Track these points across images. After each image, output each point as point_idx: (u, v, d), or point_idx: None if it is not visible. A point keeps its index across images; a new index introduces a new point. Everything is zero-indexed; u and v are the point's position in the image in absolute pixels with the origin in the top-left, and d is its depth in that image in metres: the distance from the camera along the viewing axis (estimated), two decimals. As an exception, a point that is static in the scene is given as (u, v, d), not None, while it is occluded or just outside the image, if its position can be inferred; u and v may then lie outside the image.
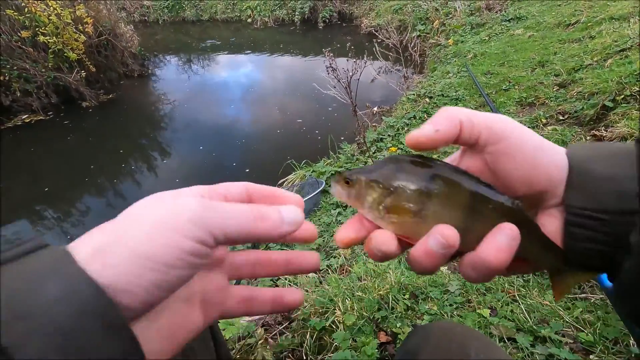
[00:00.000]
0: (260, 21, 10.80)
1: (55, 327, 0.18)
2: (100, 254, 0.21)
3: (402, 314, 1.21)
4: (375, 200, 0.31)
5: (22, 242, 0.21)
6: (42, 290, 0.19)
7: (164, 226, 0.22)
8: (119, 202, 3.97)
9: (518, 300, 1.18)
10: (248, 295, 0.33)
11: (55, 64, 5.67)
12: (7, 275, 0.19)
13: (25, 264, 0.20)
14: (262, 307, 0.34)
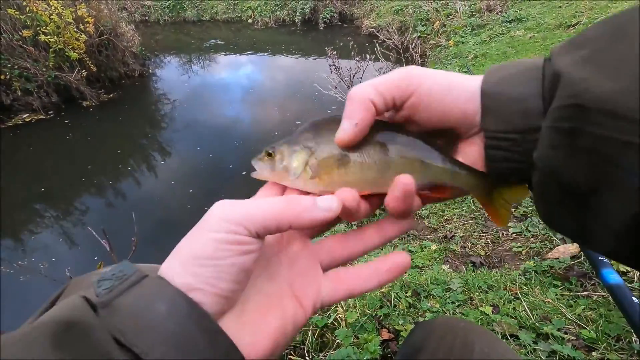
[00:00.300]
0: (261, 22, 10.81)
1: (171, 335, 0.23)
2: (171, 269, 0.27)
3: (405, 311, 1.21)
4: (301, 162, 0.32)
5: (129, 275, 0.27)
6: (154, 309, 0.24)
7: (198, 229, 0.28)
8: (118, 201, 3.96)
9: (520, 298, 1.18)
10: (348, 276, 0.33)
11: (56, 63, 5.67)
12: (126, 301, 0.25)
13: (136, 292, 0.25)
14: (366, 282, 0.33)
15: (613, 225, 0.24)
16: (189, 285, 0.26)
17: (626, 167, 0.22)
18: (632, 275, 1.14)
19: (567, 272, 1.26)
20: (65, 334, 0.22)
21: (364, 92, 0.32)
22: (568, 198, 0.26)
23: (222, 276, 0.26)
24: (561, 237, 1.47)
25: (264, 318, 0.29)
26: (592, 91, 0.23)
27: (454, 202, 2.08)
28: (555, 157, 0.26)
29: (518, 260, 1.48)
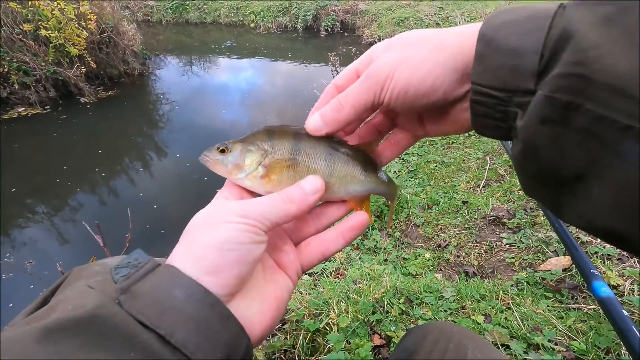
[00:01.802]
0: (263, 27, 10.88)
1: (190, 318, 0.25)
2: (188, 255, 0.29)
3: (397, 318, 1.21)
4: (255, 161, 0.35)
5: (144, 264, 0.29)
6: (173, 295, 0.26)
7: (220, 221, 0.30)
8: (112, 199, 3.93)
9: (512, 308, 1.18)
10: (317, 242, 0.38)
11: (56, 59, 5.65)
12: (144, 287, 0.27)
13: (153, 279, 0.27)
14: (335, 243, 0.38)
15: (595, 212, 0.22)
16: (210, 267, 0.28)
17: (624, 155, 0.19)
18: (623, 289, 1.15)
19: (558, 284, 1.27)
20: (90, 327, 0.23)
21: (331, 82, 0.37)
22: (549, 178, 0.24)
23: (241, 259, 0.29)
24: (554, 250, 1.48)
25: (265, 290, 0.33)
26: (604, 62, 0.20)
27: (448, 212, 2.09)
28: (542, 134, 0.23)
29: (511, 271, 1.49)
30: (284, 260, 0.37)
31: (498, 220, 1.84)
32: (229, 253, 0.29)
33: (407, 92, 0.31)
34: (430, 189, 2.43)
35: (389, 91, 0.31)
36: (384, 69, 0.31)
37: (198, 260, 0.28)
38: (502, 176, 2.29)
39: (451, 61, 0.29)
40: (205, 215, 0.32)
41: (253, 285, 0.33)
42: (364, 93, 0.32)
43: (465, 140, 3.03)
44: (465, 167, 2.58)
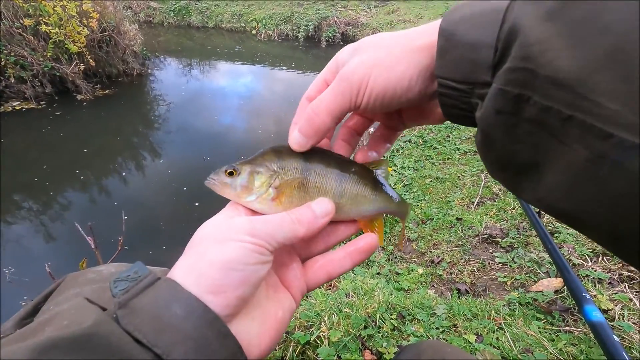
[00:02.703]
0: (265, 34, 10.97)
1: (188, 336, 0.25)
2: (192, 271, 0.28)
3: (389, 333, 1.20)
4: (264, 183, 0.34)
5: (143, 277, 0.28)
6: (171, 312, 0.26)
7: (227, 239, 0.30)
8: (102, 198, 3.87)
9: (504, 328, 1.18)
10: (324, 262, 0.38)
11: (54, 54, 5.61)
12: (143, 302, 0.26)
13: (152, 294, 0.27)
14: (342, 265, 0.37)
15: (550, 196, 0.23)
16: (213, 286, 0.28)
17: (569, 143, 0.21)
18: (613, 314, 1.16)
19: (550, 306, 1.27)
20: (85, 347, 0.23)
21: (303, 96, 0.38)
22: (507, 165, 0.26)
23: (246, 280, 0.29)
24: (545, 271, 1.49)
25: (267, 310, 0.33)
26: (547, 56, 0.21)
27: (442, 228, 2.10)
28: (497, 125, 0.24)
29: (503, 291, 1.49)
30: (289, 278, 0.37)
31: (491, 239, 1.85)
32: (233, 273, 0.28)
33: (385, 94, 0.31)
34: (425, 203, 2.44)
35: (366, 95, 0.31)
36: (358, 72, 0.31)
37: (201, 277, 0.28)
38: (496, 194, 2.31)
39: (423, 60, 0.30)
40: (214, 227, 0.32)
41: (255, 305, 0.32)
42: (339, 98, 0.32)
43: (461, 157, 3.06)
44: (460, 184, 2.60)
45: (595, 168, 0.20)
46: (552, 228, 1.73)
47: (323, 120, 0.33)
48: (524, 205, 1.47)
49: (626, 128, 0.18)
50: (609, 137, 0.19)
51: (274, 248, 0.31)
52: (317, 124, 0.33)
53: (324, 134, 0.34)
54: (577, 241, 1.60)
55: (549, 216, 1.85)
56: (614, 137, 0.19)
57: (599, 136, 0.19)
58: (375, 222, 0.39)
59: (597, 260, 1.45)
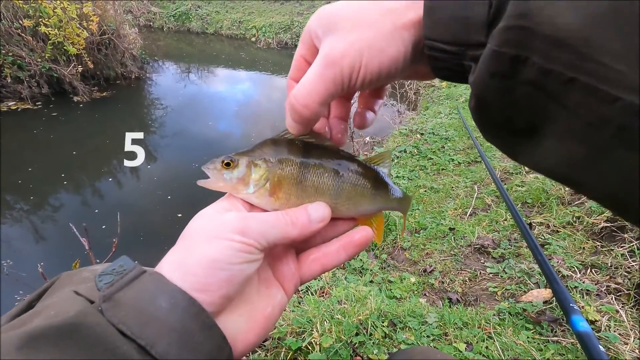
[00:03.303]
0: (264, 42, 11.07)
1: (172, 328, 0.25)
2: (179, 267, 0.29)
3: (380, 341, 1.21)
4: (262, 176, 0.33)
5: (129, 271, 0.28)
6: (156, 304, 0.26)
7: (217, 236, 0.30)
8: (95, 201, 3.85)
9: (493, 337, 1.20)
10: (318, 254, 0.37)
11: (53, 56, 5.61)
12: (128, 296, 0.26)
13: (137, 287, 0.27)
14: (336, 257, 0.36)
15: (548, 160, 0.23)
16: (199, 284, 0.28)
17: (570, 107, 0.19)
18: (600, 325, 1.18)
19: (539, 316, 1.29)
20: (71, 336, 0.23)
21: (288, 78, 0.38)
22: (503, 130, 0.24)
23: (232, 280, 0.29)
24: (535, 282, 1.51)
25: (256, 306, 0.33)
26: (546, 14, 0.19)
27: (435, 238, 2.12)
28: (493, 89, 0.22)
29: (493, 300, 1.51)
30: (283, 272, 0.36)
31: (483, 249, 1.87)
32: (219, 273, 0.28)
33: (379, 76, 0.29)
34: (418, 213, 2.46)
35: (359, 79, 0.29)
36: (348, 56, 0.28)
37: (187, 275, 0.28)
38: (488, 205, 2.34)
39: (417, 34, 0.28)
40: (205, 222, 0.32)
41: (244, 300, 0.32)
42: (330, 85, 0.29)
43: (455, 167, 3.10)
44: (453, 194, 2.63)
45: (599, 133, 0.19)
46: (543, 240, 1.76)
47: (313, 111, 0.31)
48: (516, 217, 1.49)
49: (634, 91, 0.17)
50: (615, 101, 0.18)
51: (263, 247, 0.31)
52: (307, 115, 0.31)
53: (317, 120, 0.33)
54: (567, 253, 1.63)
55: (540, 228, 1.88)
56: (621, 101, 0.17)
57: (604, 100, 0.18)
58: (374, 220, 0.38)
59: (586, 272, 1.48)
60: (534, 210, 2.09)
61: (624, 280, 1.36)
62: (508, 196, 1.68)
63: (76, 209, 3.70)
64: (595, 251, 1.59)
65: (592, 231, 1.70)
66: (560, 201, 2.06)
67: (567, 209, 1.94)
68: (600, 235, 1.66)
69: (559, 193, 2.12)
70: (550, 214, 1.96)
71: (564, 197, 2.08)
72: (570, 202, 2.03)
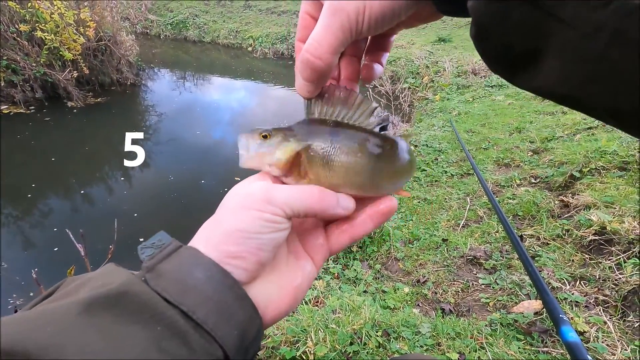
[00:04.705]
0: (261, 51, 11.18)
1: (209, 298, 0.27)
2: (211, 239, 0.30)
3: (374, 350, 1.22)
4: (291, 153, 0.33)
5: (167, 245, 0.30)
6: (194, 276, 0.28)
7: (244, 206, 0.31)
8: (85, 207, 3.80)
9: (485, 348, 1.21)
10: (346, 226, 0.37)
11: (48, 61, 5.60)
12: (168, 267, 0.28)
13: (175, 260, 0.29)
14: (363, 227, 0.37)
15: (550, 82, 0.22)
16: (232, 252, 0.29)
17: (568, 21, 0.19)
18: (589, 336, 1.20)
19: (530, 327, 1.31)
20: (120, 303, 0.25)
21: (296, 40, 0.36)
22: (503, 58, 0.24)
23: (262, 247, 0.30)
24: (526, 293, 1.54)
25: (286, 276, 0.34)
26: None
27: (428, 248, 2.14)
28: (490, 13, 0.22)
29: (485, 311, 1.53)
30: (312, 244, 0.37)
31: (475, 260, 1.90)
32: (249, 241, 0.30)
33: (384, 17, 0.28)
34: (412, 224, 2.49)
35: (365, 22, 0.28)
36: (351, 2, 0.28)
37: (220, 245, 0.30)
38: (481, 217, 2.38)
39: None
40: (234, 194, 0.33)
41: (274, 269, 0.33)
42: (338, 33, 0.29)
43: (448, 179, 3.14)
44: (446, 206, 2.67)
45: (593, 43, 0.19)
46: (533, 252, 1.79)
47: (326, 62, 0.31)
48: (507, 229, 1.53)
49: None
50: (608, 4, 0.17)
51: (288, 216, 0.31)
52: (321, 67, 0.31)
53: (330, 75, 0.33)
54: (557, 265, 1.66)
55: (530, 240, 1.92)
56: (613, 3, 0.17)
57: (597, 6, 0.18)
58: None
59: (575, 284, 1.51)
60: (525, 223, 2.13)
61: (612, 292, 1.39)
62: (500, 208, 1.71)
63: (66, 215, 3.65)
64: (584, 264, 1.63)
65: (580, 244, 1.74)
66: (550, 214, 2.11)
67: (556, 222, 1.98)
68: (588, 248, 1.70)
69: (549, 206, 2.16)
70: (540, 227, 2.00)
71: (554, 210, 2.12)
72: (560, 215, 2.07)
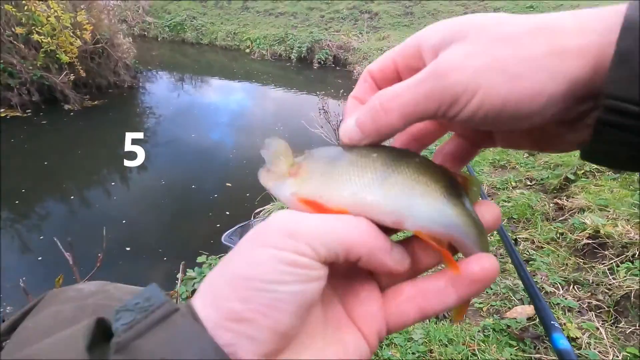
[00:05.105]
0: (258, 53, 11.18)
1: None
2: (212, 291, 0.21)
3: (365, 358, 1.21)
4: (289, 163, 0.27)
5: (156, 307, 0.20)
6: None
7: (255, 243, 0.21)
8: (83, 210, 3.80)
9: (478, 355, 1.21)
10: (413, 292, 0.25)
11: (45, 64, 5.60)
12: (147, 345, 0.19)
13: (162, 336, 0.19)
14: (442, 299, 0.24)
15: None
16: (235, 313, 0.20)
17: None
18: (581, 342, 1.20)
19: (522, 333, 1.31)
20: None
21: (366, 69, 0.28)
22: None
23: (280, 306, 0.20)
24: (520, 298, 1.53)
25: (323, 354, 0.23)
26: None
27: (423, 252, 2.14)
28: None
29: (479, 317, 1.53)
30: (359, 312, 0.25)
31: (469, 264, 1.89)
32: (259, 295, 0.20)
33: (499, 113, 0.21)
34: (407, 227, 2.49)
35: (468, 108, 0.21)
36: (464, 73, 0.21)
37: (219, 300, 0.20)
38: (475, 220, 2.38)
39: (577, 70, 0.19)
40: (261, 224, 0.23)
41: (306, 346, 0.22)
42: (422, 99, 0.22)
43: (444, 182, 3.15)
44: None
45: None
46: (528, 255, 1.79)
47: (392, 122, 0.24)
48: (501, 233, 1.53)
49: None
50: None
51: (322, 258, 0.21)
52: (383, 123, 0.24)
53: (390, 136, 0.25)
54: (550, 269, 1.66)
55: (525, 244, 1.91)
56: None
57: None
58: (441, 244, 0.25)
59: (568, 289, 1.51)
60: (520, 226, 2.13)
61: (605, 297, 1.39)
62: (493, 212, 1.71)
63: (63, 219, 3.65)
64: (578, 267, 1.62)
65: (574, 247, 1.74)
66: (545, 217, 2.10)
67: (551, 225, 1.98)
68: (582, 251, 1.70)
69: (544, 209, 2.16)
70: (535, 230, 2.00)
71: (549, 213, 2.12)
72: (555, 218, 2.07)
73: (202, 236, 3.22)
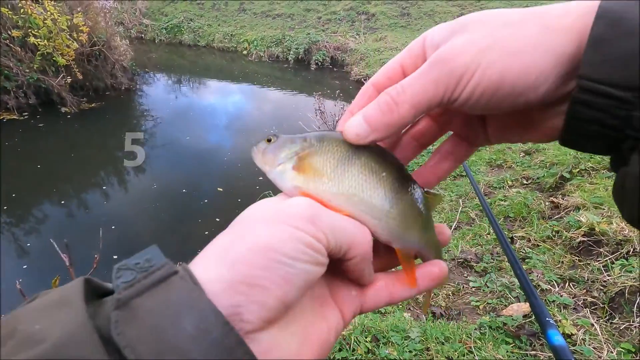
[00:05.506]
0: (256, 55, 11.19)
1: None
2: (225, 257, 0.22)
3: (363, 356, 1.22)
4: (292, 151, 0.30)
5: (156, 268, 0.21)
6: (179, 326, 0.19)
7: (278, 220, 0.23)
8: (81, 213, 3.80)
9: (474, 352, 1.21)
10: (387, 281, 0.29)
11: (41, 66, 5.59)
12: (147, 304, 0.19)
13: (161, 296, 0.20)
14: (407, 289, 0.29)
15: None
16: (252, 277, 0.21)
17: None
18: (576, 339, 1.21)
19: (518, 330, 1.32)
20: None
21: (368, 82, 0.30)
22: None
23: (292, 280, 0.22)
24: (516, 296, 1.54)
25: (309, 329, 0.25)
26: None
27: (420, 251, 2.15)
28: None
29: (475, 314, 1.53)
30: (341, 293, 0.28)
31: (466, 263, 1.90)
32: (277, 265, 0.21)
33: (497, 89, 0.22)
34: (404, 226, 2.49)
35: (469, 86, 0.23)
36: (463, 54, 0.23)
37: (237, 264, 0.21)
38: (472, 219, 2.39)
39: (568, 46, 0.21)
40: (264, 207, 0.25)
41: (297, 317, 0.24)
42: (431, 86, 0.24)
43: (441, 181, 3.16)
44: (439, 208, 2.67)
45: None
46: (524, 253, 1.80)
47: (403, 113, 0.25)
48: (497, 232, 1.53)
49: None
50: None
51: (330, 249, 0.24)
52: (394, 116, 0.25)
53: (397, 131, 0.26)
54: (546, 267, 1.67)
55: (521, 242, 1.92)
56: None
57: None
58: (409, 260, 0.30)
59: (564, 286, 1.52)
60: (516, 224, 2.14)
61: (600, 294, 1.40)
62: (490, 211, 1.72)
63: (60, 221, 3.64)
64: (573, 265, 1.64)
65: (570, 245, 1.75)
66: (540, 215, 2.12)
67: (547, 223, 1.99)
68: (578, 249, 1.71)
69: (540, 207, 2.17)
70: (531, 228, 2.01)
71: (545, 212, 2.13)
72: (550, 216, 2.08)
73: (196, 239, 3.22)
